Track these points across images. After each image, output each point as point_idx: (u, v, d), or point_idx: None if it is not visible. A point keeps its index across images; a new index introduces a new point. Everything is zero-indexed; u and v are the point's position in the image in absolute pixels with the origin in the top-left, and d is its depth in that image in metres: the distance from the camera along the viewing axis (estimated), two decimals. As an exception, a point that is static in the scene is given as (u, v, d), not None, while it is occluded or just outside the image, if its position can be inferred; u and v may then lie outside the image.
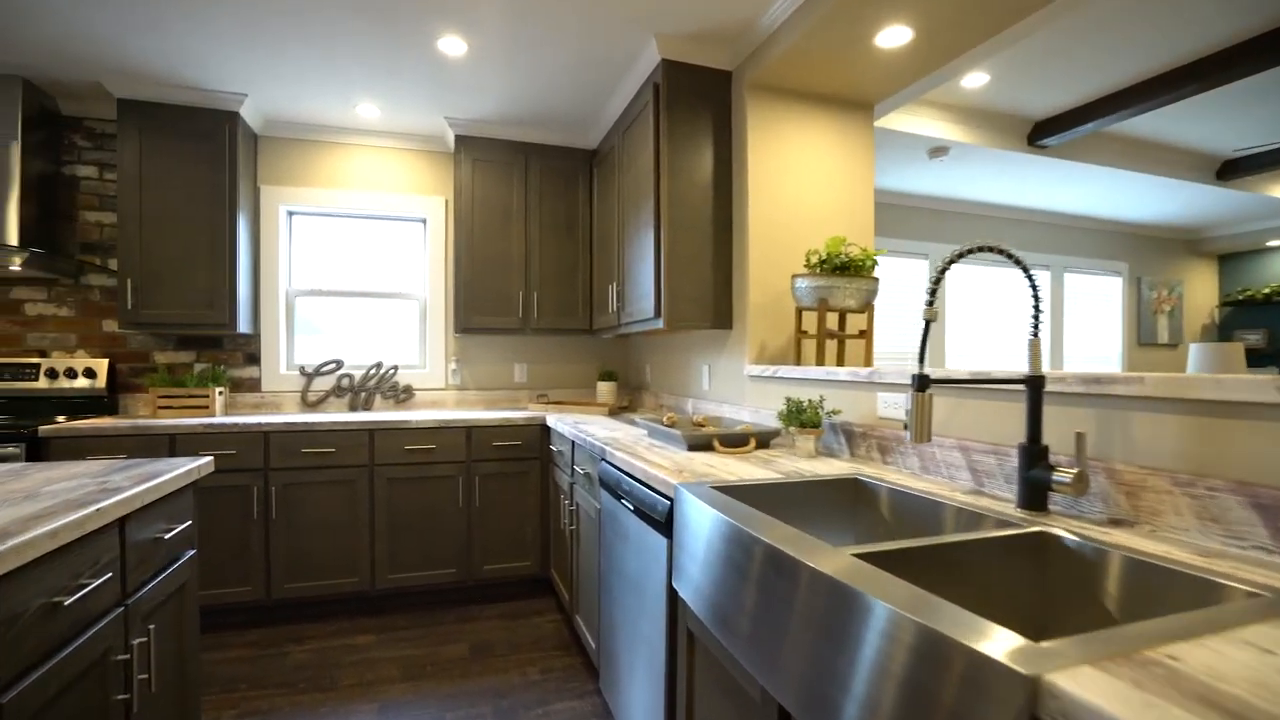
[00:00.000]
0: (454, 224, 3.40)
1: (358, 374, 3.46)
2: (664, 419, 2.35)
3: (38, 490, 1.29)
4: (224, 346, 3.31)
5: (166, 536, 1.42)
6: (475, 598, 3.12)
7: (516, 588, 3.19)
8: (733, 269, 2.64)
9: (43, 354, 3.08)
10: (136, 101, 2.90)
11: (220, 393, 3.09)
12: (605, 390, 3.61)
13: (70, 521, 1.06)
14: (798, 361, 2.39)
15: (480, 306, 3.35)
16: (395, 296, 3.63)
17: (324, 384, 3.42)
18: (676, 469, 1.63)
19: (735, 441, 1.97)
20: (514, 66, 2.74)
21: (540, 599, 3.15)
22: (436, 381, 3.62)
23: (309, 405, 3.39)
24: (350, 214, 3.54)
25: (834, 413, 1.85)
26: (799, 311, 2.37)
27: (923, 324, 1.04)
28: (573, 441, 2.59)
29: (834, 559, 0.88)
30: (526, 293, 3.43)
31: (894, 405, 1.70)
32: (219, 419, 2.82)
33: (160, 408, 2.96)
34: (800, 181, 2.58)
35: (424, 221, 3.66)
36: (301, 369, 3.39)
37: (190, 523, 1.57)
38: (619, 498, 1.87)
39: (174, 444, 2.67)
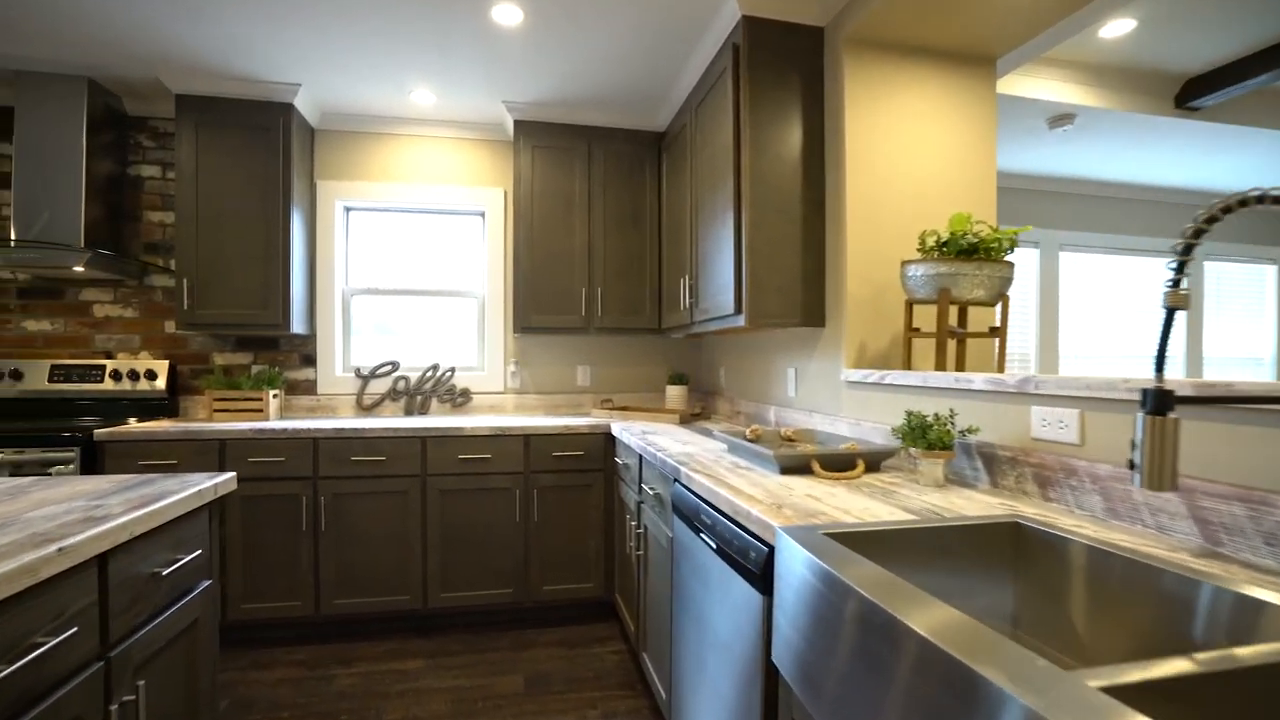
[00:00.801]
0: (513, 216, 3.18)
1: (414, 376, 3.29)
2: (747, 431, 2.01)
3: (18, 517, 1.10)
4: (280, 348, 3.21)
5: (166, 571, 1.21)
6: (532, 621, 2.87)
7: (577, 610, 2.92)
8: (826, 257, 2.26)
9: (109, 355, 3.07)
10: (193, 96, 2.82)
11: (275, 395, 2.98)
12: (675, 395, 3.29)
13: (11, 570, 0.84)
14: (908, 365, 2.00)
15: (540, 304, 3.11)
16: (453, 295, 3.44)
17: (380, 386, 3.27)
18: (773, 502, 1.29)
19: (840, 464, 1.61)
20: (574, 35, 2.46)
21: (603, 624, 2.86)
22: (495, 384, 3.41)
23: (364, 409, 3.25)
24: (407, 208, 3.38)
25: (970, 431, 1.46)
26: (909, 305, 1.98)
27: (1164, 312, 0.65)
28: (640, 455, 2.29)
29: (1065, 700, 0.53)
30: (590, 289, 3.16)
31: (1057, 424, 1.30)
32: (269, 424, 2.69)
33: (216, 410, 2.87)
34: (908, 153, 2.18)
35: (482, 215, 3.46)
36: (357, 371, 3.25)
37: (201, 551, 1.36)
38: (697, 530, 1.55)
39: (224, 449, 2.56)
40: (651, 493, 2.10)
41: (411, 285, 3.40)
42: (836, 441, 1.93)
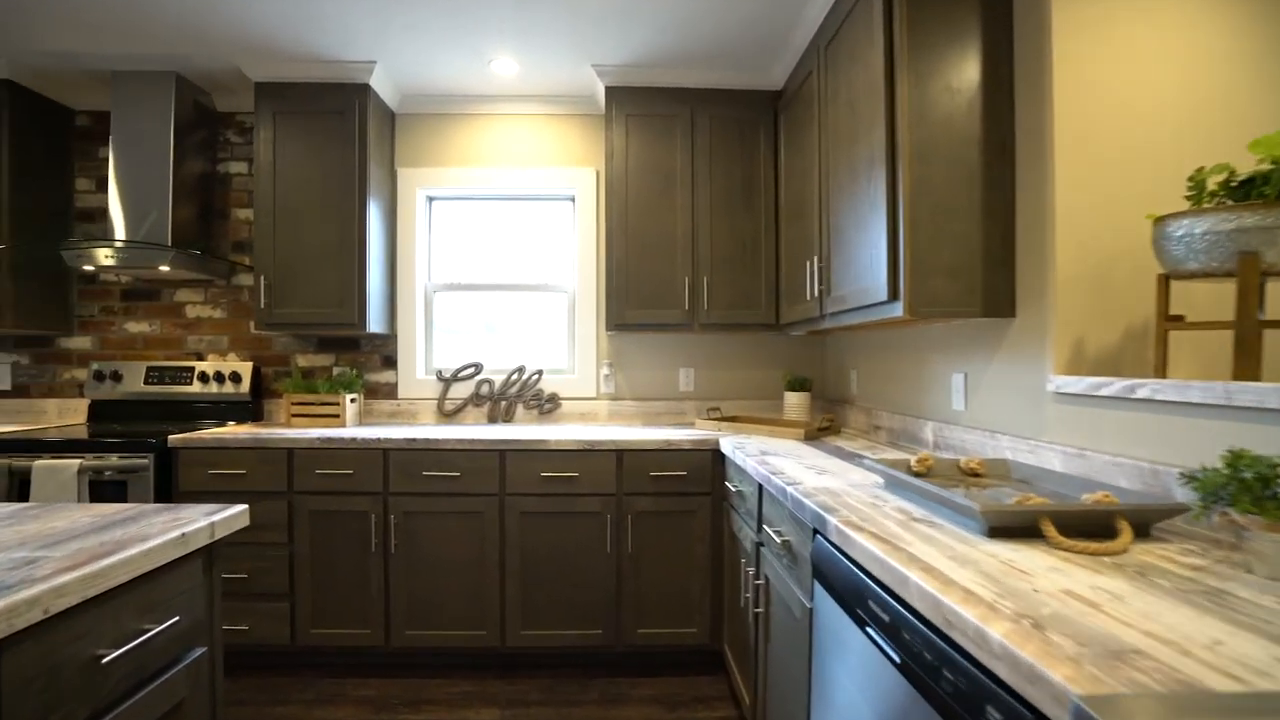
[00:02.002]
0: (605, 197, 2.77)
1: (498, 380, 2.98)
2: (913, 461, 1.46)
3: (-89, 579, 0.80)
4: (361, 349, 3.01)
5: (115, 655, 0.88)
6: (624, 668, 2.44)
7: (677, 658, 2.46)
8: (1017, 221, 1.65)
9: (199, 356, 2.99)
10: (272, 84, 2.66)
11: (352, 400, 2.76)
12: (795, 404, 2.74)
13: None
14: (1162, 370, 1.36)
15: (637, 297, 2.68)
16: (541, 289, 3.10)
17: (462, 391, 2.98)
18: (1019, 610, 0.75)
19: (1088, 527, 1.03)
20: (676, -35, 2.01)
21: (707, 677, 2.38)
22: (587, 389, 3.02)
23: (445, 415, 2.97)
24: (493, 195, 3.07)
25: (1363, 488, 0.84)
26: (1164, 282, 1.34)
27: None
28: (760, 484, 1.79)
29: None
30: (694, 278, 2.69)
31: None
32: (337, 432, 2.45)
33: (293, 415, 2.69)
34: (1151, 70, 1.53)
35: (572, 199, 3.09)
36: (439, 374, 2.98)
37: (179, 618, 1.03)
38: (860, 622, 1.03)
39: (291, 459, 2.34)
40: (777, 538, 1.59)
41: (497, 280, 3.09)
42: (1054, 482, 1.33)
